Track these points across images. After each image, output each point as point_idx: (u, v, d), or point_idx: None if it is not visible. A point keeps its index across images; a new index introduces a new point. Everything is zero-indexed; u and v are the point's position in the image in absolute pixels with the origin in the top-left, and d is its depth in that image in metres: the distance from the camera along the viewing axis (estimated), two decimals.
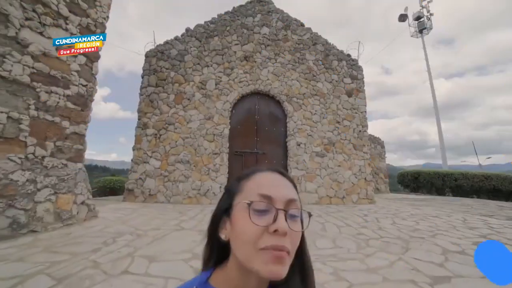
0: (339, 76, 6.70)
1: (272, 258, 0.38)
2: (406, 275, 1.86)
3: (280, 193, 0.43)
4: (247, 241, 0.40)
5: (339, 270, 1.94)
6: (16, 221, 2.48)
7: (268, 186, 0.44)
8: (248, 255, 0.40)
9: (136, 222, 3.44)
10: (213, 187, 5.50)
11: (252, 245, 0.39)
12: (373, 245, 2.62)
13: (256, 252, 0.39)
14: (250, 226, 0.40)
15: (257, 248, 0.39)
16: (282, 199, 0.43)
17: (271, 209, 0.41)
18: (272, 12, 6.83)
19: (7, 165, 2.55)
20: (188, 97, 5.88)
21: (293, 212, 0.43)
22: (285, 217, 0.41)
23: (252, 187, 0.45)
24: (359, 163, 6.21)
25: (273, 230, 0.39)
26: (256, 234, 0.40)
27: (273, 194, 0.43)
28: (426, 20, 18.70)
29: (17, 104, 2.73)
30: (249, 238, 0.40)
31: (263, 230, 0.40)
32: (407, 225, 3.53)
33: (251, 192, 0.44)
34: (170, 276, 1.80)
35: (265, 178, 0.46)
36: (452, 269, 1.93)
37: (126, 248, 2.38)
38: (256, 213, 0.41)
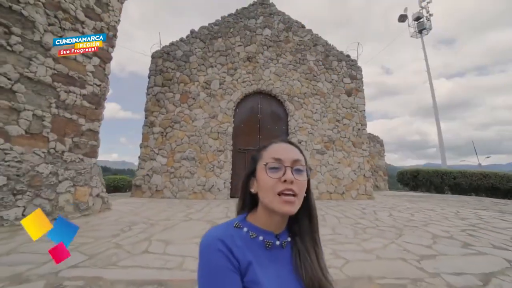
0: (339, 76, 6.92)
1: (285, 201, 0.59)
2: (397, 254, 2.07)
3: (288, 155, 0.62)
4: (267, 189, 0.61)
5: (337, 251, 2.16)
6: (43, 209, 2.69)
7: (279, 151, 0.63)
8: (270, 199, 0.60)
9: (147, 214, 3.66)
10: (217, 183, 5.72)
11: (271, 191, 0.60)
12: (369, 232, 2.83)
13: (274, 196, 0.60)
14: (268, 179, 0.61)
15: (275, 193, 0.60)
16: (289, 159, 0.62)
17: (281, 167, 0.61)
18: (274, 14, 7.06)
19: (33, 158, 2.78)
20: (193, 96, 6.10)
21: (298, 167, 0.62)
22: (291, 171, 0.61)
23: (268, 154, 0.65)
24: (358, 160, 6.42)
25: (284, 180, 0.60)
26: (273, 183, 0.60)
27: (282, 157, 0.62)
28: (426, 20, 18.89)
29: (40, 102, 2.96)
30: (269, 187, 0.60)
31: (277, 180, 0.60)
32: (403, 217, 3.74)
33: (268, 156, 0.64)
34: (186, 255, 2.02)
35: (277, 147, 0.66)
36: (438, 250, 2.15)
37: (142, 234, 2.60)
38: (271, 170, 0.61)
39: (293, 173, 0.60)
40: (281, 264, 0.62)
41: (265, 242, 0.61)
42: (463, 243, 2.36)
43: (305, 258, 0.63)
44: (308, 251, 0.64)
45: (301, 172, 0.62)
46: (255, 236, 0.61)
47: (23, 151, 2.71)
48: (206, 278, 0.53)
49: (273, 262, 0.61)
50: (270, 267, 0.60)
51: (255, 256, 0.58)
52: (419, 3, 19.27)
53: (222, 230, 0.60)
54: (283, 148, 0.65)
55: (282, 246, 0.64)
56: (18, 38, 2.70)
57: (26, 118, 2.78)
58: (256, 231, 0.62)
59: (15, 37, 2.67)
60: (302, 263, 0.62)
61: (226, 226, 0.62)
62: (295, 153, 0.64)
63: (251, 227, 0.63)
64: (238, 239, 0.59)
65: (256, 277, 0.55)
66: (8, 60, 2.63)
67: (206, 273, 0.53)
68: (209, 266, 0.53)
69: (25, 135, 2.78)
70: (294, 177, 0.59)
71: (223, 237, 0.57)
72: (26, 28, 2.78)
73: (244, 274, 0.55)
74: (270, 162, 0.61)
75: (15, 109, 2.69)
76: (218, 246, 0.55)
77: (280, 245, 0.63)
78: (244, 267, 0.55)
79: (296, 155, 0.64)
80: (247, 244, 0.59)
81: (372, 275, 1.65)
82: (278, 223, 0.64)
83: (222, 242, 0.55)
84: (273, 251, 0.62)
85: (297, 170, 0.61)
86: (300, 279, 0.61)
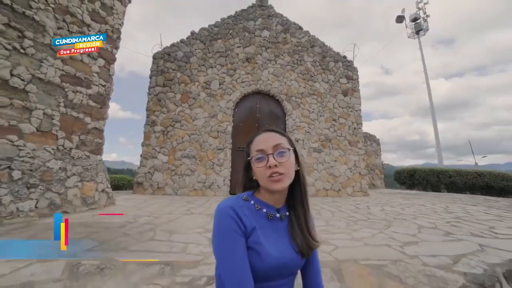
0: (335, 76, 7.11)
1: (273, 181, 0.76)
2: (383, 242, 2.26)
3: (268, 144, 0.74)
4: (259, 176, 0.76)
5: (329, 239, 2.34)
6: (53, 202, 2.88)
7: (260, 143, 0.75)
8: (263, 182, 0.75)
9: (150, 208, 3.83)
10: (217, 180, 5.89)
11: (263, 177, 0.75)
12: (360, 224, 3.02)
13: (266, 179, 0.74)
14: (257, 169, 0.76)
15: (266, 177, 0.74)
16: (269, 147, 0.73)
17: (264, 156, 0.73)
18: (272, 16, 7.24)
19: (44, 154, 2.95)
20: (193, 96, 6.28)
21: (279, 151, 0.73)
22: (273, 157, 0.72)
23: (253, 147, 0.77)
24: (354, 158, 6.61)
25: (268, 166, 0.75)
26: (262, 171, 0.74)
27: (263, 147, 0.74)
28: (423, 21, 19.11)
29: (50, 102, 3.13)
30: (260, 174, 0.75)
31: (265, 167, 0.73)
32: (394, 211, 3.93)
33: (253, 150, 0.76)
34: (189, 242, 2.19)
35: (259, 139, 0.77)
36: (421, 238, 2.33)
37: (147, 225, 2.77)
38: (257, 161, 0.73)
39: (276, 157, 0.72)
40: (279, 234, 0.76)
41: (268, 214, 0.75)
42: (445, 232, 2.55)
43: (298, 224, 0.78)
44: (299, 218, 0.78)
45: (283, 153, 0.73)
46: (260, 208, 0.75)
47: (34, 147, 2.88)
48: (218, 237, 0.68)
49: (274, 231, 0.75)
50: (271, 234, 0.74)
51: (258, 224, 0.72)
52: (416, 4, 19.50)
53: (234, 201, 0.74)
54: (264, 138, 0.77)
55: (281, 218, 0.77)
56: (31, 41, 2.87)
57: (37, 116, 2.95)
58: (260, 204, 0.76)
59: (27, 40, 2.84)
60: (295, 229, 0.77)
61: (236, 198, 0.76)
62: (275, 139, 0.75)
63: (257, 201, 0.77)
64: (246, 209, 0.73)
65: (258, 239, 0.69)
66: (21, 62, 2.80)
67: (218, 233, 0.68)
68: (221, 228, 0.68)
69: (36, 133, 2.95)
70: (276, 161, 0.72)
71: (235, 207, 0.71)
72: (37, 32, 2.95)
73: (248, 236, 0.69)
74: (255, 154, 0.75)
75: (27, 108, 2.86)
76: (230, 213, 0.69)
77: (280, 218, 0.77)
78: (249, 231, 0.70)
79: (276, 140, 0.75)
80: (253, 214, 0.73)
81: (358, 258, 1.83)
82: (277, 199, 0.78)
83: (233, 210, 0.69)
84: (274, 222, 0.76)
85: (279, 153, 0.73)
86: (295, 245, 0.75)
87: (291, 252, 0.74)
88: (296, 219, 0.78)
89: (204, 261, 1.73)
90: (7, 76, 2.66)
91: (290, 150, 0.76)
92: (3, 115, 2.62)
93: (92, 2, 3.76)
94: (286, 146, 0.75)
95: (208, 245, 2.10)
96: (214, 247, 0.69)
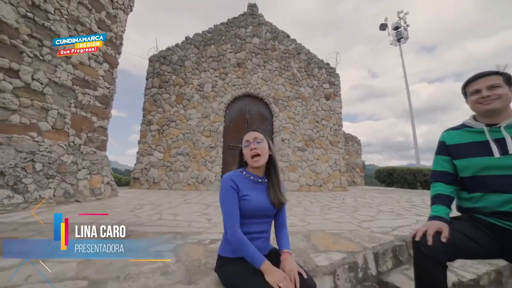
0: (319, 82, 7.76)
1: (254, 160, 1.30)
2: (347, 220, 2.85)
3: (251, 137, 1.21)
4: (246, 157, 1.30)
5: (304, 219, 2.90)
6: (67, 192, 3.28)
7: (247, 136, 1.24)
8: (249, 161, 1.30)
9: (151, 199, 4.27)
10: (209, 176, 6.37)
11: (248, 157, 1.30)
12: (333, 210, 3.62)
13: (250, 159, 1.29)
14: (245, 151, 1.31)
15: (250, 157, 1.30)
16: (251, 138, 1.20)
17: (249, 143, 1.25)
18: (262, 24, 7.78)
19: (58, 149, 3.34)
20: (187, 98, 6.71)
21: (257, 141, 1.23)
22: (253, 143, 1.27)
23: (244, 139, 1.32)
24: (334, 157, 7.28)
25: (250, 148, 1.30)
26: (247, 152, 1.28)
27: (248, 138, 1.22)
28: (403, 30, 20.37)
29: (63, 103, 3.51)
30: (246, 155, 1.30)
31: (249, 150, 1.27)
32: (364, 201, 4.58)
33: (244, 141, 1.32)
34: (192, 221, 2.69)
35: (247, 135, 1.25)
36: (377, 217, 2.95)
37: (153, 211, 3.23)
38: (245, 147, 1.28)
39: (255, 144, 1.21)
40: (260, 191, 1.26)
41: (253, 179, 1.29)
42: (398, 214, 3.18)
43: (272, 187, 1.29)
44: (273, 183, 1.30)
45: (260, 142, 1.22)
46: (248, 176, 1.28)
47: (51, 143, 3.26)
48: (223, 195, 1.20)
49: (256, 190, 1.26)
50: (255, 192, 1.25)
51: (247, 186, 1.23)
52: (398, 14, 20.74)
53: (233, 173, 1.25)
54: (249, 134, 1.26)
55: (262, 182, 1.28)
56: (48, 49, 3.25)
57: (52, 116, 3.33)
58: (248, 174, 1.27)
59: (45, 48, 3.22)
60: (271, 190, 1.29)
61: (234, 171, 1.28)
62: (255, 134, 1.25)
63: (247, 172, 1.28)
64: (239, 177, 1.22)
65: (246, 194, 1.22)
66: (40, 68, 3.17)
67: (223, 192, 1.20)
68: (224, 187, 1.20)
69: (51, 130, 3.33)
70: (255, 146, 1.21)
71: (232, 176, 1.21)
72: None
73: (240, 192, 1.21)
74: (244, 143, 1.25)
75: (44, 109, 3.24)
76: (229, 181, 1.18)
77: (261, 182, 1.27)
78: (241, 190, 1.21)
79: (255, 135, 1.24)
80: (244, 180, 1.23)
81: (324, 229, 2.40)
82: (258, 171, 1.25)
83: (231, 179, 1.21)
84: (257, 184, 1.24)
85: (258, 142, 1.22)
86: (270, 199, 1.26)
87: (267, 202, 1.27)
88: (271, 184, 1.32)
89: (206, 232, 2.23)
90: (29, 80, 3.03)
91: (264, 140, 1.30)
92: (25, 114, 3.00)
93: (98, 12, 4.15)
94: (261, 138, 1.27)
95: (208, 223, 2.61)
96: (220, 199, 1.21)
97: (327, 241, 2.02)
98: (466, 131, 1.26)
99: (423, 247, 1.09)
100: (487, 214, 1.16)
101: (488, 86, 1.14)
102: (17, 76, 2.93)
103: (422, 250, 1.10)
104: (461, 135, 1.28)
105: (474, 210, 1.22)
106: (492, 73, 1.15)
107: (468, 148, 1.22)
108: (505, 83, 1.12)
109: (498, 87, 1.12)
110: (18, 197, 2.67)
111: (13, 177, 2.67)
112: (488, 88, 1.14)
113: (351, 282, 1.58)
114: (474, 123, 1.24)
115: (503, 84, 1.12)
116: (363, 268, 1.68)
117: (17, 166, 2.73)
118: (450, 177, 1.30)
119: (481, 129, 1.19)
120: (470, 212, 1.24)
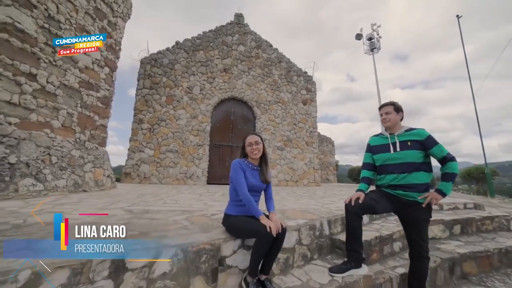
0: (297, 88, 8.63)
1: (254, 154, 2.01)
2: (314, 203, 3.65)
3: (253, 139, 2.01)
4: (248, 152, 2.02)
5: (281, 205, 3.66)
6: (76, 182, 3.73)
7: (249, 139, 2.06)
8: (250, 154, 2.01)
9: (148, 190, 4.78)
10: (196, 171, 6.94)
11: (250, 151, 2.02)
12: (305, 198, 4.43)
13: (251, 153, 2.01)
14: (248, 149, 2.02)
15: (251, 152, 2.01)
16: (253, 141, 2.04)
17: (251, 144, 2.04)
18: (247, 33, 8.47)
19: (68, 145, 3.77)
20: (177, 99, 7.21)
21: (257, 143, 2.05)
22: (255, 145, 2.03)
23: (247, 141, 2.06)
24: (309, 156, 8.20)
25: (252, 148, 2.01)
26: (249, 150, 2.02)
27: (251, 140, 2.03)
28: (376, 41, 22.22)
29: (71, 103, 3.94)
30: (248, 151, 2.02)
31: (251, 149, 2.01)
32: (332, 193, 5.47)
33: (247, 142, 2.05)
34: (191, 204, 3.32)
35: (249, 137, 2.08)
36: (338, 202, 3.79)
37: (155, 198, 3.79)
38: (248, 146, 2.03)
39: (256, 146, 1.97)
40: (255, 175, 1.98)
41: (251, 166, 2.00)
42: None
43: (262, 172, 2.02)
44: (263, 170, 2.02)
45: (259, 144, 1.97)
46: (248, 163, 2.00)
47: (61, 139, 3.69)
48: (234, 171, 1.88)
49: (253, 173, 1.98)
50: (252, 175, 1.97)
51: (247, 169, 1.95)
52: (371, 26, 22.56)
53: (240, 160, 1.97)
54: (252, 137, 1.94)
55: (256, 169, 2.02)
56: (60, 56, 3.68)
57: (62, 115, 3.76)
58: (248, 162, 2.00)
59: (58, 55, 3.65)
60: (261, 173, 2.03)
61: (239, 159, 2.00)
62: (256, 138, 1.89)
63: (248, 161, 2.01)
64: (243, 163, 1.95)
65: (247, 175, 1.93)
66: (53, 72, 3.60)
67: (234, 170, 1.89)
68: (234, 168, 1.89)
69: (61, 128, 3.75)
70: (256, 147, 1.96)
71: (240, 162, 1.91)
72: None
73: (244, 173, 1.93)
74: (247, 144, 2.00)
75: (56, 108, 3.66)
76: (238, 163, 1.88)
77: (256, 169, 2.02)
78: (244, 171, 1.93)
79: (256, 139, 1.88)
80: (246, 166, 1.94)
81: (296, 208, 3.17)
82: (255, 161, 2.00)
83: (239, 163, 1.91)
84: (254, 170, 1.96)
85: (257, 144, 1.98)
86: (261, 179, 2.00)
87: (259, 182, 1.99)
88: (262, 170, 2.04)
89: (206, 210, 2.89)
90: (44, 83, 3.46)
91: (261, 143, 2.02)
92: (41, 113, 3.42)
93: (101, 20, 4.57)
94: (260, 141, 2.01)
95: (205, 205, 3.26)
96: (232, 174, 1.90)
97: (296, 214, 2.79)
98: (380, 137, 2.08)
99: (349, 207, 1.88)
100: (386, 186, 1.97)
101: (385, 112, 1.95)
102: (35, 80, 3.35)
103: (348, 209, 1.88)
104: (378, 139, 2.09)
105: (381, 185, 2.04)
106: (388, 104, 1.98)
107: (379, 148, 2.04)
108: (394, 110, 1.95)
109: (390, 113, 1.94)
110: (40, 185, 3.12)
111: (35, 168, 3.11)
112: (385, 113, 1.95)
113: (311, 237, 2.35)
114: (384, 132, 2.06)
115: (392, 111, 1.94)
116: (320, 229, 2.46)
117: (38, 158, 3.18)
118: (371, 166, 2.11)
119: (386, 136, 2.01)
120: (379, 186, 2.06)
